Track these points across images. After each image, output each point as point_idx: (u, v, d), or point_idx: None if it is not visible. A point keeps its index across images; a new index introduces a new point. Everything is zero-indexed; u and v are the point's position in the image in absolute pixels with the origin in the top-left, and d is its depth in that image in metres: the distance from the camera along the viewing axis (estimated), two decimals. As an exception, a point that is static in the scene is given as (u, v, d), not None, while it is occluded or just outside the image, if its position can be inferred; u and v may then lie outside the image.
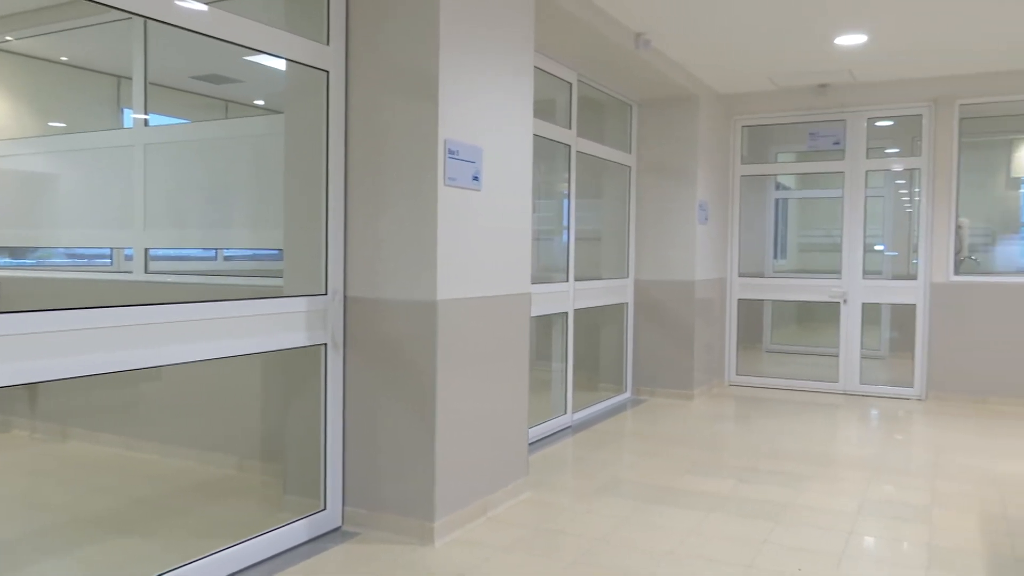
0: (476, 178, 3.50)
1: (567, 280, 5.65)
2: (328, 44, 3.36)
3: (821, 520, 3.67)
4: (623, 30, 5.07)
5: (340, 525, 3.50)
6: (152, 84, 4.19)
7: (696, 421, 5.84)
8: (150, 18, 2.65)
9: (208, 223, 4.03)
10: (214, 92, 4.88)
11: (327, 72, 3.37)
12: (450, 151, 3.31)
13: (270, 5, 3.44)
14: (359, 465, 3.48)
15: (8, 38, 4.60)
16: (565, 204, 5.67)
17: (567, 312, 5.67)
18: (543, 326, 5.65)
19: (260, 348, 3.07)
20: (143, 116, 4.19)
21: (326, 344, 3.40)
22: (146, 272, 4.16)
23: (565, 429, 5.59)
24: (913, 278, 6.79)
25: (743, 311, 7.52)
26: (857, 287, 6.99)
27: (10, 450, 4.53)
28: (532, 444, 5.10)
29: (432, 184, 3.26)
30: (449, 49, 3.30)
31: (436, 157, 3.25)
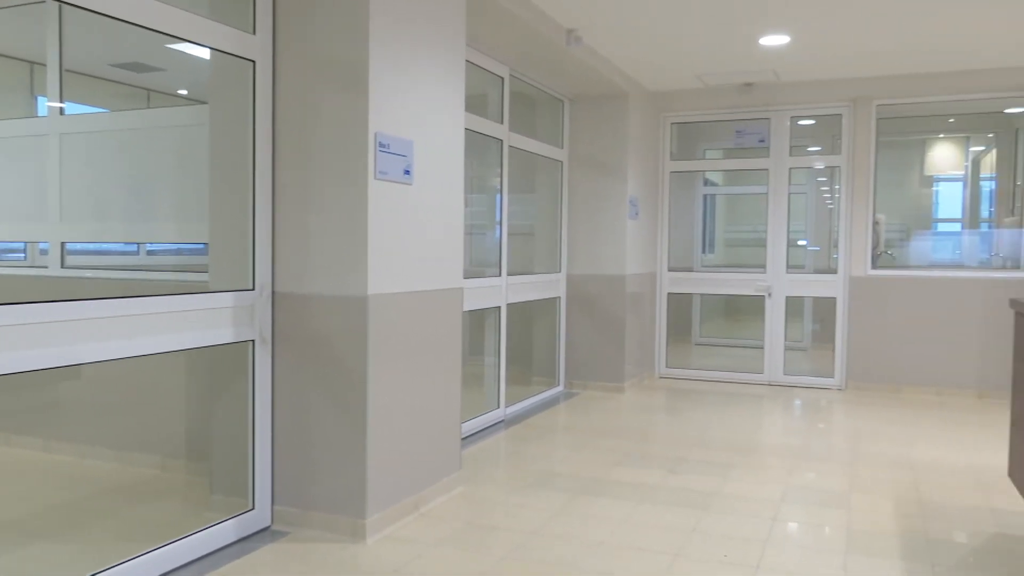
0: (407, 172, 3.48)
1: (500, 275, 5.67)
2: (255, 34, 3.29)
3: (747, 508, 3.77)
4: (555, 26, 5.10)
5: (270, 524, 3.44)
6: (68, 71, 4.03)
7: (627, 413, 5.94)
8: (65, 2, 2.54)
9: (129, 216, 3.90)
10: (135, 81, 4.71)
11: (253, 62, 3.29)
12: (381, 144, 3.27)
13: (194, -8, 3.34)
14: (289, 463, 3.42)
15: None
16: (498, 199, 5.68)
17: (500, 306, 5.68)
18: (476, 320, 5.66)
19: (184, 345, 2.99)
20: (59, 104, 4.02)
21: (254, 340, 3.33)
22: (63, 267, 4.00)
23: (498, 423, 5.61)
24: (833, 272, 7.04)
25: (673, 305, 7.67)
26: (781, 281, 7.20)
27: (-85, 454, 4.30)
28: (465, 439, 5.10)
29: (362, 177, 3.23)
30: (379, 41, 3.27)
31: (367, 150, 3.22)
